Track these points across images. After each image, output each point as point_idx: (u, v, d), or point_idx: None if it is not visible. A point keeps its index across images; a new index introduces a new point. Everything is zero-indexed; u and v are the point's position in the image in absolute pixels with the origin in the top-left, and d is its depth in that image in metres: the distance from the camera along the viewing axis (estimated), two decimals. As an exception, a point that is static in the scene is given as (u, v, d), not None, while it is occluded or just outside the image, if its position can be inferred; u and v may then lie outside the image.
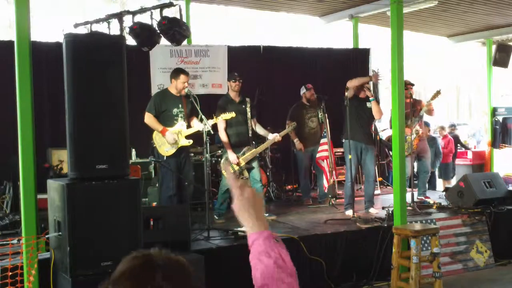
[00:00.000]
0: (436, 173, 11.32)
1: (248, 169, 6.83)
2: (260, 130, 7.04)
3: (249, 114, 6.86)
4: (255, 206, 1.50)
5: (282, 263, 1.39)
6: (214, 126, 6.58)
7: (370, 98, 7.10)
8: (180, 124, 6.33)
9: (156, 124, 6.31)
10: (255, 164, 6.85)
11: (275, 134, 6.98)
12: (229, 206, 7.07)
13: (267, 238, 1.43)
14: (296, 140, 8.01)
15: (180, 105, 6.37)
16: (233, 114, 6.54)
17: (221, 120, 6.60)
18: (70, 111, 4.20)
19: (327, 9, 10.10)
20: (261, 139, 7.51)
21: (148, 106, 6.37)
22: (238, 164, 6.70)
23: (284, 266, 1.39)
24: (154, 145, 6.41)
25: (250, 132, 6.87)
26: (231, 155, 6.70)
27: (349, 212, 6.91)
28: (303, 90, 8.30)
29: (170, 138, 6.25)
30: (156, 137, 6.35)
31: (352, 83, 7.13)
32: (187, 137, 6.34)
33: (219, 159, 7.95)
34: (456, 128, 13.23)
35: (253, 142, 7.00)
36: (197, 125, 6.33)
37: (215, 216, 6.76)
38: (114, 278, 1.29)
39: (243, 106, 6.86)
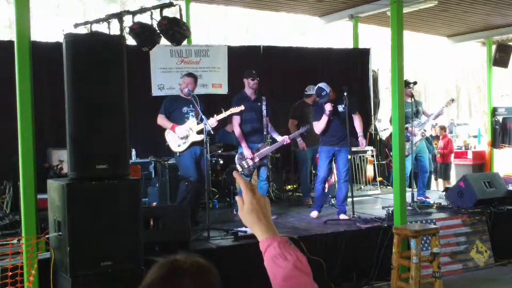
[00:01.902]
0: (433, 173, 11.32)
1: (260, 166, 6.96)
2: (270, 130, 7.09)
3: (264, 112, 6.93)
4: (266, 211, 1.46)
5: (301, 265, 1.36)
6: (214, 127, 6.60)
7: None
8: (191, 121, 6.43)
9: (166, 122, 6.48)
10: (266, 161, 7.04)
11: (285, 136, 7.03)
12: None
13: (282, 243, 1.40)
14: (299, 139, 8.01)
15: (191, 105, 6.47)
16: (242, 108, 6.57)
17: (235, 116, 6.71)
18: (70, 111, 4.20)
19: (327, 9, 10.10)
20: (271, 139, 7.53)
21: (160, 109, 6.56)
22: (252, 159, 6.80)
23: (302, 268, 1.36)
24: (167, 143, 6.52)
25: (264, 130, 6.97)
26: (245, 150, 6.80)
27: (314, 214, 6.90)
28: (312, 91, 8.22)
29: (180, 132, 6.37)
30: (168, 135, 6.49)
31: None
32: (199, 132, 6.38)
33: (219, 159, 7.97)
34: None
35: (268, 140, 7.14)
36: (209, 121, 6.22)
37: (235, 211, 7.00)
38: (143, 286, 1.32)
39: (259, 104, 6.94)
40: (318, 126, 6.92)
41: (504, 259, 6.75)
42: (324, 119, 6.80)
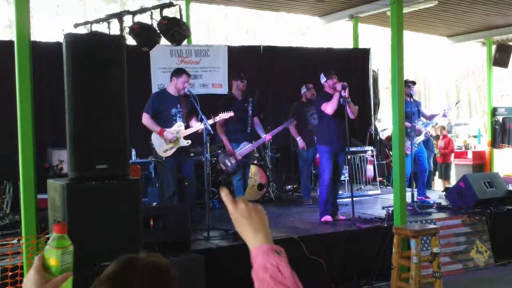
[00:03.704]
0: (437, 173, 11.32)
1: (244, 164, 7.15)
2: (258, 129, 7.29)
3: (249, 113, 7.16)
4: (252, 220, 1.40)
5: (280, 276, 1.30)
6: (214, 126, 6.65)
7: (347, 100, 6.53)
8: (178, 124, 6.34)
9: (153, 126, 6.29)
10: (250, 159, 7.28)
11: (266, 134, 7.28)
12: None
13: (265, 252, 1.34)
14: (299, 139, 8.02)
15: (178, 105, 6.37)
16: (231, 114, 6.71)
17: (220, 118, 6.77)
18: (70, 111, 4.19)
19: (327, 9, 10.11)
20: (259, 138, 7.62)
21: (146, 107, 6.37)
22: (235, 158, 7.01)
23: (281, 278, 1.29)
24: (153, 146, 6.42)
25: (249, 129, 7.18)
26: (228, 149, 7.04)
27: (327, 218, 6.57)
28: (303, 90, 8.33)
29: (169, 137, 6.25)
30: (154, 138, 6.36)
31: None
32: (186, 137, 6.34)
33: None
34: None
35: (253, 141, 7.25)
36: (196, 125, 6.35)
37: None
38: (98, 280, 1.34)
39: (245, 105, 7.16)
40: (331, 105, 6.47)
41: (504, 259, 6.75)
42: (336, 96, 6.45)
